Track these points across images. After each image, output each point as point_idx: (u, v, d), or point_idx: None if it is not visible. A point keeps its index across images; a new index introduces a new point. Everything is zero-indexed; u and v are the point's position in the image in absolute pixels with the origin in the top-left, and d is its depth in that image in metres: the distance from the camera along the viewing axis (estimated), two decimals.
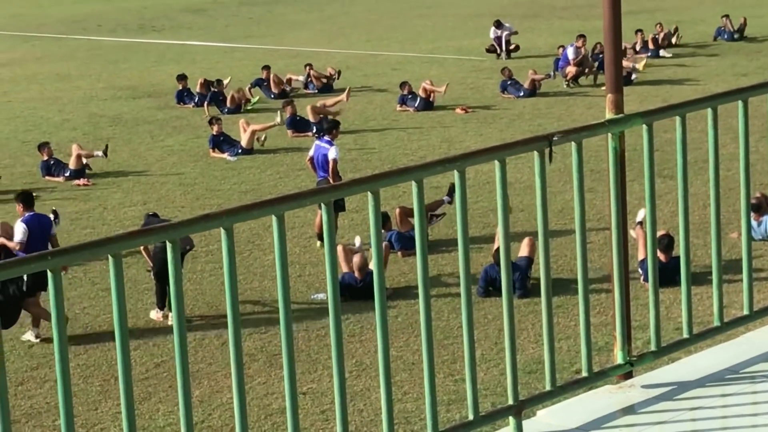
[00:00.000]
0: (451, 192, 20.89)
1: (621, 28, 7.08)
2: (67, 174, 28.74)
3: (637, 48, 40.30)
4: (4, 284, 16.99)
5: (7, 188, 28.07)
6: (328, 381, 15.77)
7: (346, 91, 34.37)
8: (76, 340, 17.86)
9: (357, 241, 21.41)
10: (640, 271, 18.25)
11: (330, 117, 28.96)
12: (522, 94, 35.48)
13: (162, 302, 19.62)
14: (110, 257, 5.39)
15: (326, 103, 33.45)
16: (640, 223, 18.24)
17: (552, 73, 37.21)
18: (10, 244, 19.26)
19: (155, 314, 19.60)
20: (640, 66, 37.32)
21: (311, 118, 31.98)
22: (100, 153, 29.38)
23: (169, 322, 19.54)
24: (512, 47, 42.25)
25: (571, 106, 33.80)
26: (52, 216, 23.79)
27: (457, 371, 14.90)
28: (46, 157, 29.29)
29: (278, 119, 31.59)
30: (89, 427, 15.39)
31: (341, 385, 5.99)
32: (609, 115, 6.89)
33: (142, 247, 20.96)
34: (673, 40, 41.88)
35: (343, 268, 19.63)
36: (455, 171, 6.21)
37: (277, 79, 37.94)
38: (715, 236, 7.22)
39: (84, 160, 28.94)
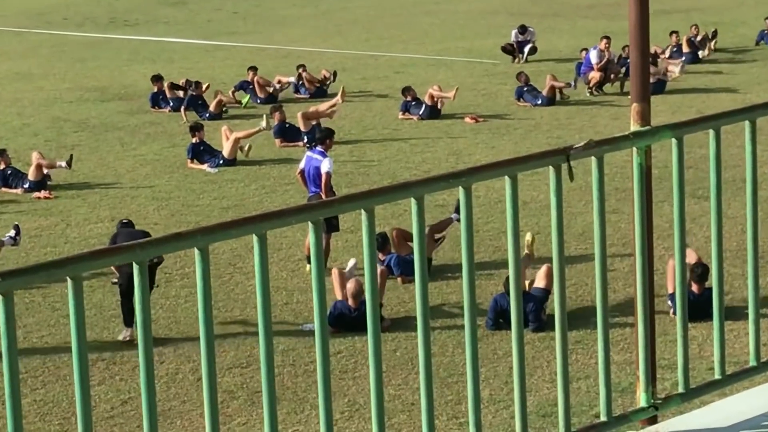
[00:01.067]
0: (456, 211, 20.88)
1: (648, 27, 7.08)
2: (27, 185, 28.73)
3: (669, 53, 40.24)
4: None
5: None
6: (316, 422, 15.77)
7: (341, 92, 34.27)
8: (32, 373, 17.84)
9: (350, 263, 21.40)
10: (669, 303, 18.26)
11: (323, 125, 29.03)
12: (540, 102, 35.53)
13: (129, 320, 19.41)
14: (69, 279, 5.36)
15: (319, 109, 33.34)
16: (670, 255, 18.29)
17: (573, 82, 37.14)
18: None
19: (123, 334, 19.61)
20: (676, 71, 37.27)
21: (302, 126, 31.91)
22: (63, 163, 29.25)
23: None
24: (530, 50, 42.26)
25: (595, 117, 33.84)
26: (13, 232, 23.86)
27: (462, 413, 14.86)
28: (2, 166, 29.31)
29: (264, 124, 31.52)
30: None
31: (329, 428, 5.99)
32: (634, 127, 6.90)
33: None
34: (711, 45, 41.85)
35: (338, 295, 19.66)
36: (460, 187, 6.21)
37: (265, 82, 37.98)
38: (753, 265, 7.22)
39: (45, 171, 28.91)
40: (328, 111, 32.86)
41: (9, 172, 29.21)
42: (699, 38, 41.46)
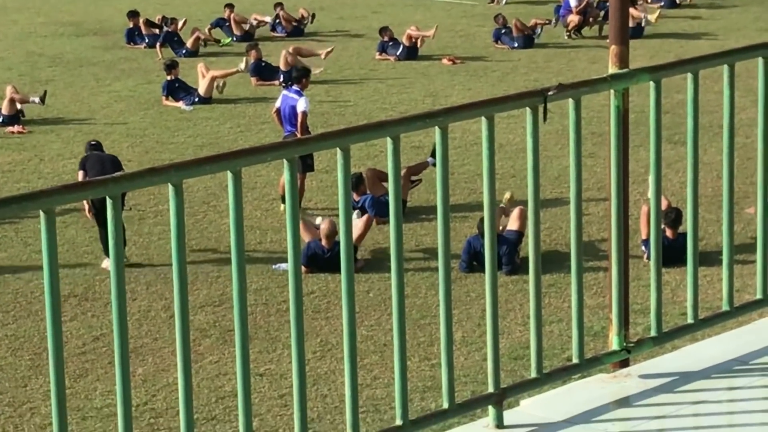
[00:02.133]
0: (432, 155, 20.86)
1: None
2: (1, 122, 28.67)
3: None
4: None
5: None
6: (288, 362, 15.79)
7: (327, 51, 34.02)
8: (3, 308, 17.85)
9: (317, 220, 21.26)
10: (643, 248, 18.32)
11: (301, 65, 28.97)
12: (517, 44, 35.48)
13: (106, 246, 19.32)
14: (42, 213, 5.34)
15: (315, 50, 33.12)
16: (643, 199, 18.35)
17: (553, 21, 37.21)
18: None
19: (104, 263, 19.58)
20: (652, 17, 37.29)
21: (282, 65, 31.79)
22: (36, 99, 29.15)
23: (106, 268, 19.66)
24: None
25: (573, 60, 33.82)
26: None
27: (434, 355, 14.87)
28: None
29: (242, 66, 31.46)
30: (17, 406, 15.39)
31: (301, 367, 5.99)
32: (612, 69, 6.89)
33: (80, 174, 21.20)
34: None
35: (305, 237, 19.57)
36: (437, 128, 6.20)
37: (241, 19, 37.83)
38: (728, 211, 7.23)
39: (18, 105, 28.83)
40: (323, 54, 32.80)
41: None
42: None
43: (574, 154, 6.58)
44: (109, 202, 5.54)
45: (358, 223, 18.91)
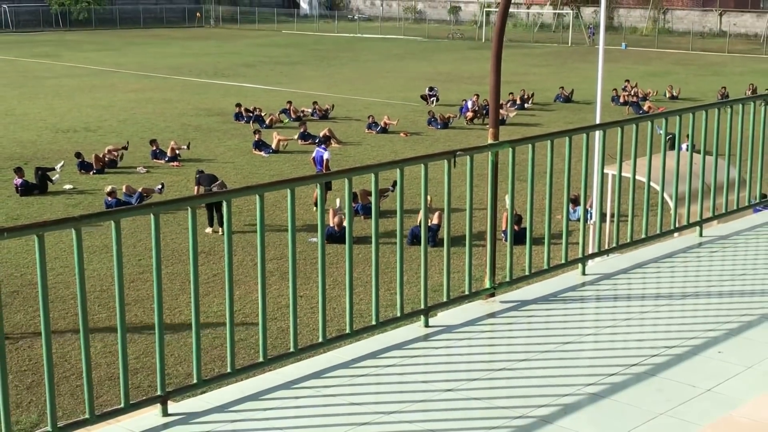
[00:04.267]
0: (394, 184, 20.85)
1: (500, 90, 7.11)
2: (166, 159, 28.55)
3: (509, 104, 40.12)
4: None
5: (130, 165, 27.96)
6: (315, 289, 15.80)
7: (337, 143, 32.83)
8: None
9: (338, 201, 21.47)
10: (503, 235, 18.38)
11: (327, 135, 28.98)
12: (440, 127, 35.39)
13: (211, 222, 20.30)
14: (189, 209, 5.30)
15: (333, 132, 32.73)
16: (504, 208, 18.44)
17: (458, 115, 37.23)
18: None
19: (208, 230, 19.95)
20: (511, 115, 37.24)
21: (321, 134, 31.53)
22: (185, 147, 29.19)
23: (219, 234, 19.67)
24: (435, 99, 42.14)
25: (469, 136, 33.80)
26: (160, 186, 23.79)
27: (392, 288, 14.83)
28: (154, 147, 29.09)
29: (295, 136, 31.45)
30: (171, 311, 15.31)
31: (323, 292, 6.01)
32: (490, 140, 6.92)
33: (196, 187, 21.38)
34: (531, 101, 41.65)
35: (330, 222, 19.75)
36: (398, 169, 6.23)
37: (295, 109, 37.71)
38: (548, 217, 7.28)
39: (177, 151, 28.77)
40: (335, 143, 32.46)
41: (158, 151, 28.92)
42: (525, 96, 41.44)
43: (468, 187, 6.61)
44: (224, 205, 5.53)
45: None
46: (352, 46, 76.06)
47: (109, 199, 22.27)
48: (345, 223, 6.07)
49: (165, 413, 5.08)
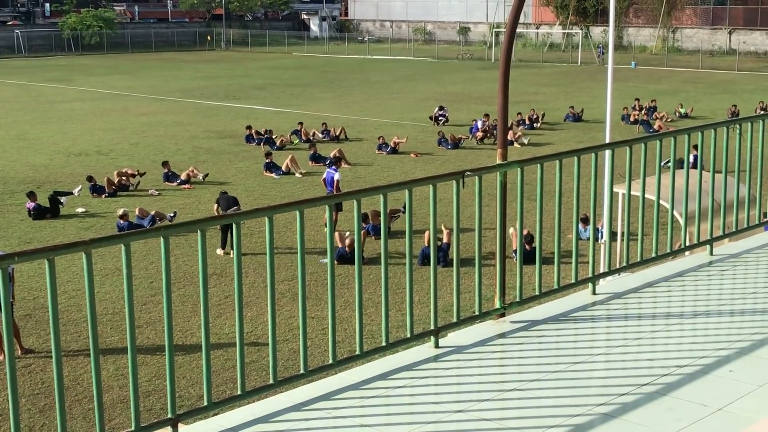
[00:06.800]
0: (405, 206, 20.81)
1: (508, 110, 7.12)
2: (178, 181, 28.64)
3: (518, 123, 40.10)
4: None
5: (142, 188, 28.05)
6: (326, 311, 15.79)
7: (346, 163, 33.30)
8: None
9: (346, 234, 21.38)
10: (513, 254, 18.35)
11: (337, 156, 29.04)
12: (450, 147, 35.43)
13: (224, 245, 20.32)
14: (199, 231, 5.30)
15: (344, 158, 32.63)
16: (513, 227, 18.43)
17: (469, 136, 37.26)
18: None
19: (219, 251, 19.99)
20: (524, 140, 37.03)
21: (332, 155, 31.52)
22: (201, 176, 29.17)
23: (231, 256, 19.67)
24: (445, 119, 42.21)
25: (479, 156, 33.81)
26: (173, 214, 23.90)
27: (402, 309, 14.77)
28: (166, 170, 29.20)
29: (301, 172, 31.46)
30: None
31: (333, 313, 6.01)
32: (498, 161, 6.93)
33: (215, 207, 21.56)
34: (541, 121, 41.62)
35: (338, 244, 19.72)
36: (407, 190, 6.23)
37: (306, 131, 37.81)
38: (557, 237, 7.27)
39: (190, 176, 28.90)
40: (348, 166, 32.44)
41: (170, 173, 29.03)
42: (534, 117, 41.43)
43: (477, 205, 6.61)
44: (234, 227, 5.55)
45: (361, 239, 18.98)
46: (362, 67, 76.34)
47: (122, 222, 22.35)
48: (354, 244, 6.07)
49: None
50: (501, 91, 6.85)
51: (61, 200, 25.26)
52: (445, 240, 19.17)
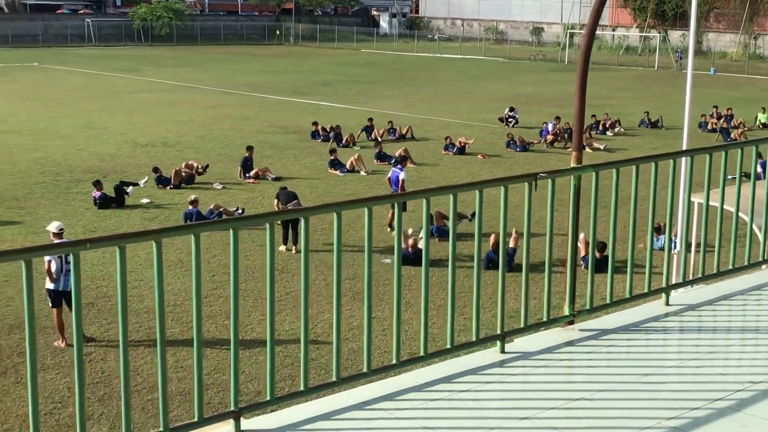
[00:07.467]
0: (473, 214, 20.73)
1: (584, 114, 7.07)
2: (248, 175, 28.91)
3: (592, 127, 39.60)
4: None
5: (206, 180, 28.42)
6: (386, 311, 15.81)
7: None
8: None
9: (409, 231, 21.41)
10: (582, 263, 18.19)
11: (403, 155, 29.08)
12: (519, 149, 35.25)
13: (285, 240, 20.70)
14: (268, 225, 5.36)
15: (410, 157, 32.64)
16: (583, 234, 18.25)
17: (540, 140, 36.94)
18: None
19: (281, 248, 20.29)
20: (596, 144, 36.45)
21: (397, 154, 31.58)
22: (270, 176, 29.14)
23: (293, 252, 19.90)
24: (515, 121, 41.97)
25: (548, 160, 33.55)
26: (241, 209, 24.15)
27: (465, 313, 14.74)
28: (247, 154, 29.60)
29: (365, 170, 31.59)
30: None
31: (398, 311, 6.03)
32: (573, 164, 6.88)
33: (276, 201, 21.77)
34: (616, 129, 40.90)
35: (403, 244, 19.80)
36: (477, 191, 6.23)
37: (376, 130, 37.60)
38: (631, 245, 7.20)
39: (261, 173, 29.15)
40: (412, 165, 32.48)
41: (248, 162, 29.38)
42: (608, 121, 40.91)
43: (549, 209, 6.58)
44: (302, 222, 5.60)
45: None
46: (431, 66, 76.30)
47: (191, 207, 22.76)
48: (420, 245, 6.09)
49: (238, 429, 5.15)
50: (578, 93, 6.81)
51: (127, 190, 25.72)
52: (511, 245, 19.08)
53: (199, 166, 29.28)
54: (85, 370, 13.73)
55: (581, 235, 18.12)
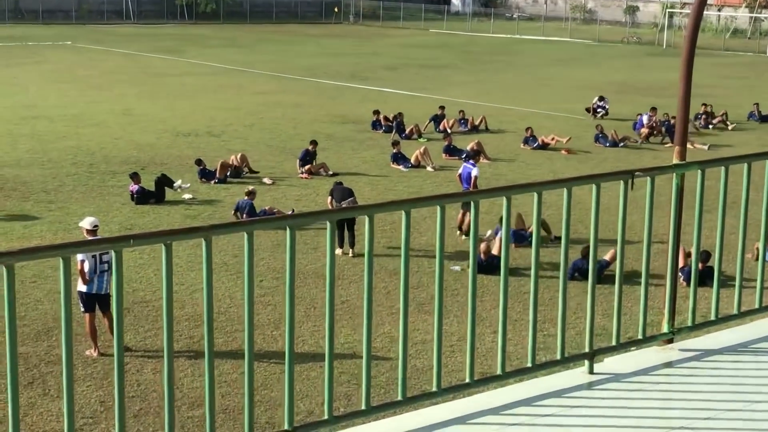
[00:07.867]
0: (557, 238, 20.49)
1: (689, 103, 6.98)
2: (302, 170, 29.00)
3: (697, 117, 38.94)
4: None
5: (257, 177, 28.66)
6: (454, 325, 15.79)
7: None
8: None
9: (488, 232, 21.41)
10: (681, 275, 17.95)
11: (475, 149, 28.99)
12: (608, 144, 34.96)
13: (341, 243, 20.56)
14: (328, 223, 5.38)
15: (484, 151, 32.46)
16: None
17: (635, 138, 36.44)
18: None
19: (338, 251, 20.11)
20: (705, 148, 35.68)
21: (468, 148, 31.47)
22: (325, 172, 29.32)
23: (350, 256, 20.03)
24: (604, 112, 41.62)
25: (642, 157, 33.20)
26: (291, 211, 24.35)
27: (545, 329, 14.70)
28: (310, 147, 29.52)
29: (432, 166, 31.57)
30: None
31: (473, 329, 6.03)
32: (675, 160, 6.81)
33: (329, 199, 21.87)
34: (716, 121, 40.24)
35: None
36: (564, 189, 6.20)
37: (446, 121, 37.52)
38: (740, 255, 7.12)
39: (314, 170, 29.22)
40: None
41: (308, 157, 29.35)
42: (711, 112, 40.29)
43: (648, 212, 6.53)
44: (366, 221, 5.60)
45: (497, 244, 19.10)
46: (509, 48, 76.06)
47: (246, 198, 23.03)
48: (493, 251, 6.07)
49: None
50: (683, 80, 6.73)
51: (173, 185, 25.81)
52: (607, 257, 18.80)
53: (245, 165, 29.22)
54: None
55: (681, 246, 17.88)
